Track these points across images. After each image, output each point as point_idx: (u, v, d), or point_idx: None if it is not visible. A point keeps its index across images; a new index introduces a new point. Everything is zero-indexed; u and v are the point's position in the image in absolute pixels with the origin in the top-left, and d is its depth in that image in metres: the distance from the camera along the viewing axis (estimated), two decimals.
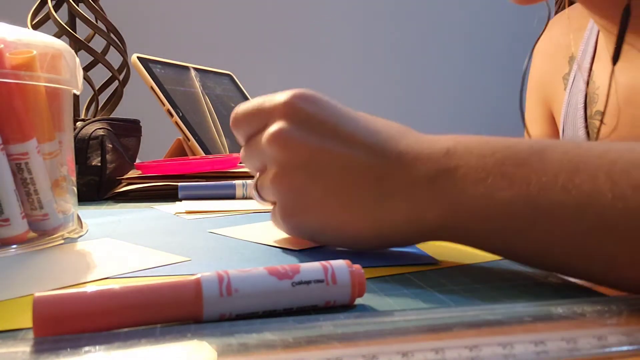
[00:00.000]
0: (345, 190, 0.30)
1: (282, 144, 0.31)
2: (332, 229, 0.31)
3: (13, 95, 0.33)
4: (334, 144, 0.31)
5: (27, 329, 0.22)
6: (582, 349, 0.18)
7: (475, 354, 0.17)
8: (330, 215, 0.31)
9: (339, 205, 0.31)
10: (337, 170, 0.30)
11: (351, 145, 0.31)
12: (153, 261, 0.32)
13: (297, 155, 0.31)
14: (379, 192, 0.30)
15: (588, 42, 0.66)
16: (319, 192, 0.31)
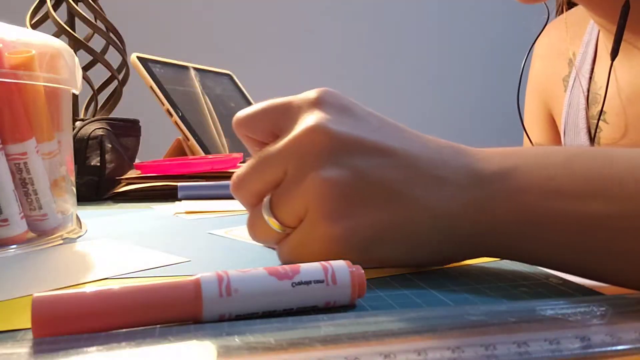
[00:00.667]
0: (402, 187, 0.27)
1: (326, 132, 0.27)
2: (390, 234, 0.27)
3: (12, 95, 0.33)
4: (383, 136, 0.28)
5: (26, 329, 0.21)
6: (564, 350, 0.18)
7: (457, 355, 0.17)
8: (387, 215, 0.27)
9: (396, 203, 0.27)
10: (391, 163, 0.27)
11: (399, 139, 0.28)
12: (152, 262, 0.31)
13: (345, 144, 0.27)
14: (440, 192, 0.27)
15: (588, 45, 0.66)
16: (372, 188, 0.27)
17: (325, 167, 0.27)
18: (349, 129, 0.27)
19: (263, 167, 0.28)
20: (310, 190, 0.27)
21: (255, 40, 2.15)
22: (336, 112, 0.28)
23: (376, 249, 0.27)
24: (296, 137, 0.27)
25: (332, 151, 0.27)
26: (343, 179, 0.27)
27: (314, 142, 0.27)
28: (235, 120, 0.31)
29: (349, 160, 0.27)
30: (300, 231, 0.28)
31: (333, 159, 0.27)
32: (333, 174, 0.26)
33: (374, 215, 0.27)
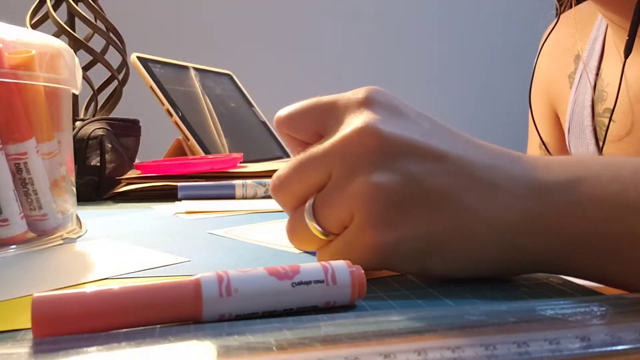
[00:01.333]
0: (456, 195, 0.25)
1: (376, 134, 0.25)
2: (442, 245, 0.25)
3: (12, 95, 0.33)
4: (436, 140, 0.26)
5: (26, 329, 0.21)
6: (565, 350, 0.18)
7: (457, 355, 0.17)
8: (440, 224, 0.25)
9: (450, 212, 0.25)
10: (444, 169, 0.25)
11: (452, 143, 0.26)
12: (152, 262, 0.31)
13: (397, 147, 0.25)
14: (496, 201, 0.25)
15: (595, 41, 0.66)
16: (425, 195, 0.25)
17: (375, 171, 0.25)
18: (401, 131, 0.26)
19: (306, 169, 0.27)
20: (357, 196, 0.25)
21: (255, 40, 2.15)
22: (386, 112, 0.26)
23: (426, 260, 0.26)
24: (343, 138, 0.26)
25: (382, 154, 0.25)
26: (393, 185, 0.25)
27: (363, 144, 0.25)
28: (277, 118, 0.29)
29: (400, 165, 0.25)
30: (343, 238, 0.26)
31: (383, 162, 0.25)
32: (383, 179, 0.25)
33: (425, 224, 0.25)
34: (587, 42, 0.67)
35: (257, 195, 0.59)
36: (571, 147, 0.68)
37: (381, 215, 0.25)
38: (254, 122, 0.99)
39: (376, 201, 0.25)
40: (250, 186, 0.59)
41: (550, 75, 0.73)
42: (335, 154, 0.26)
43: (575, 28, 0.69)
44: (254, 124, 0.99)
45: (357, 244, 0.26)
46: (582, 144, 0.66)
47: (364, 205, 0.25)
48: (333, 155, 0.26)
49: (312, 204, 0.27)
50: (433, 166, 0.25)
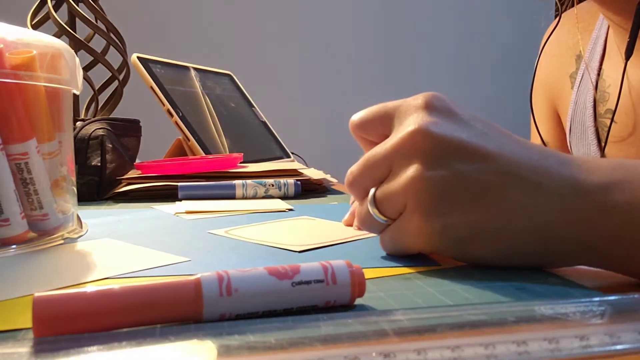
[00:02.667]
0: (499, 191, 0.28)
1: (429, 135, 0.28)
2: (484, 235, 0.28)
3: (13, 95, 0.33)
4: (486, 141, 0.29)
5: (27, 329, 0.22)
6: (564, 350, 0.18)
7: (457, 354, 0.17)
8: (483, 216, 0.28)
9: (493, 206, 0.28)
10: (490, 167, 0.28)
11: (502, 145, 0.29)
12: (153, 261, 0.31)
13: (447, 147, 0.28)
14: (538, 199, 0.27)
15: (597, 41, 0.66)
16: (471, 190, 0.28)
17: (426, 167, 0.28)
18: (452, 132, 0.29)
19: (371, 165, 0.31)
20: (410, 187, 0.28)
21: (255, 40, 2.15)
22: (441, 115, 0.29)
23: (470, 247, 0.29)
24: (401, 138, 0.29)
25: (432, 152, 0.28)
26: (442, 179, 0.28)
27: (417, 144, 0.29)
28: (351, 123, 0.34)
29: (449, 162, 0.28)
30: (398, 223, 0.30)
31: (433, 159, 0.28)
32: (433, 173, 0.28)
33: (469, 215, 0.28)
34: (589, 41, 0.67)
35: (257, 195, 0.59)
36: (572, 147, 0.68)
37: (428, 204, 0.28)
38: (254, 122, 0.99)
39: (424, 192, 0.28)
40: (250, 186, 0.59)
41: (551, 74, 0.72)
42: (394, 152, 0.30)
43: (577, 27, 0.69)
44: (254, 124, 0.99)
45: (408, 229, 0.30)
46: (584, 144, 0.66)
47: (413, 195, 0.28)
48: (392, 154, 0.30)
49: (374, 194, 0.31)
50: (480, 164, 0.28)
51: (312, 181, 0.66)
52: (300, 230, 0.41)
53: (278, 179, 0.61)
